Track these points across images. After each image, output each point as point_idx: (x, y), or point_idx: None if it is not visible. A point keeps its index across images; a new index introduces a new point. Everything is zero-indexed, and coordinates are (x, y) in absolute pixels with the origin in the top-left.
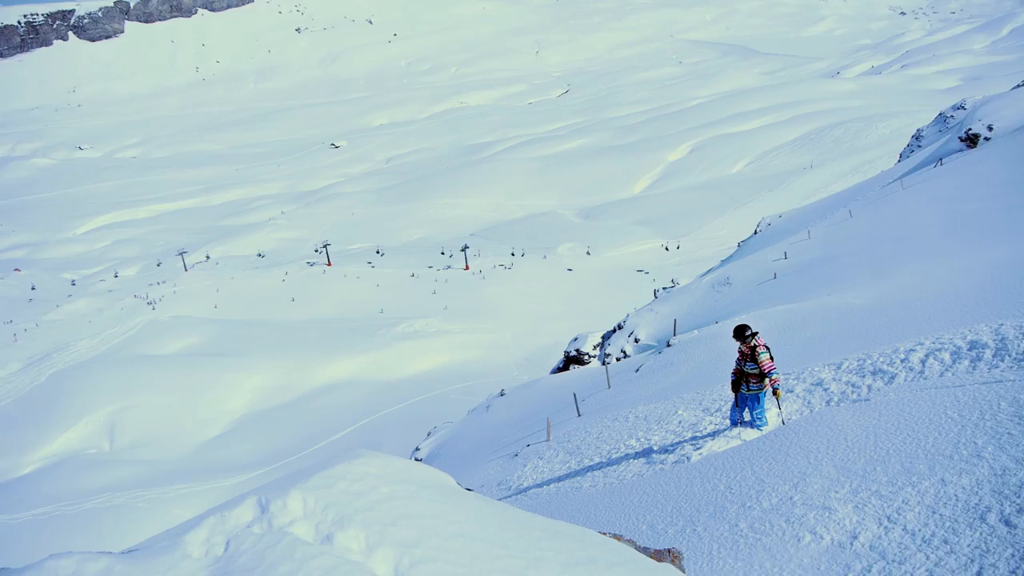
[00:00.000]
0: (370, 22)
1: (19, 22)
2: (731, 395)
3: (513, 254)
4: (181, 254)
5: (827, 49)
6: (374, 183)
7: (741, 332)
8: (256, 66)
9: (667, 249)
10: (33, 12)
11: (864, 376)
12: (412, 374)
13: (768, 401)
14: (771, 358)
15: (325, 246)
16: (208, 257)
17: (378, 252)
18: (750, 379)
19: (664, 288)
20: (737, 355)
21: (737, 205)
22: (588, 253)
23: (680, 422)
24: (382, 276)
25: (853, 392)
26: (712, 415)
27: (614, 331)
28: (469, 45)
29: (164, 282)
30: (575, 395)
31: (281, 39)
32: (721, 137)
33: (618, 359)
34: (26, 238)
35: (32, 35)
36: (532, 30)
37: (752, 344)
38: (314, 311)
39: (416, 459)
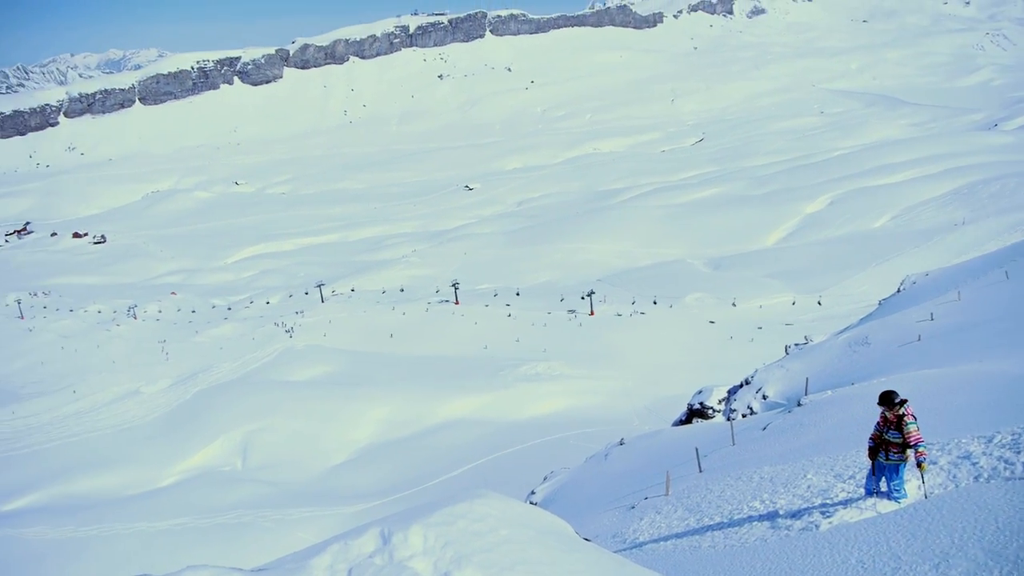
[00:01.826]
0: (509, 70)
1: (192, 67)
2: (867, 463)
3: (633, 302)
4: (319, 286)
5: (983, 100)
6: (504, 225)
7: (889, 398)
8: (399, 110)
9: (794, 304)
10: (205, 59)
11: (1020, 452)
12: (532, 416)
13: (908, 472)
14: (918, 429)
15: (454, 285)
16: (353, 290)
17: (517, 294)
18: (891, 448)
19: (796, 344)
20: (878, 421)
21: (879, 261)
22: (717, 304)
23: (809, 487)
24: (508, 317)
25: (1006, 469)
26: (844, 482)
27: (741, 386)
28: (604, 92)
29: (302, 312)
30: (697, 450)
31: (424, 85)
32: (864, 190)
33: (744, 415)
34: (183, 264)
35: (202, 79)
36: (668, 78)
37: (900, 412)
38: (440, 348)
39: (532, 503)
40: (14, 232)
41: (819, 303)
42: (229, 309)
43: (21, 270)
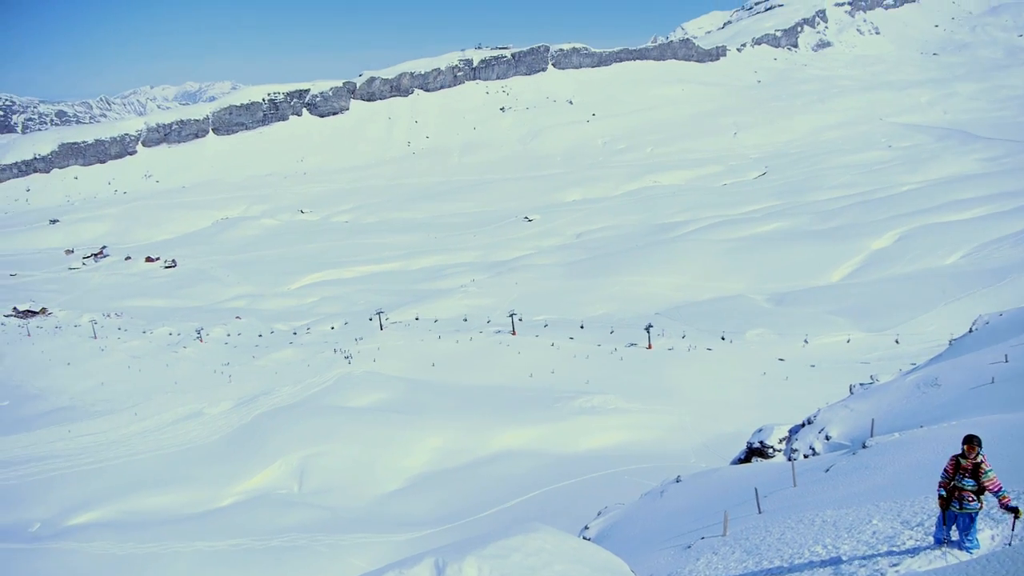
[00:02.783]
0: (570, 102)
1: (263, 99)
2: (937, 509)
3: (688, 336)
4: (379, 314)
5: None
6: (563, 257)
7: (970, 443)
8: (461, 141)
9: (859, 342)
10: (276, 91)
11: None
12: (586, 450)
13: (981, 522)
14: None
15: (511, 315)
16: (417, 318)
17: (581, 327)
18: (964, 495)
19: (861, 384)
20: (946, 467)
21: (949, 300)
22: (779, 340)
23: (875, 533)
24: (565, 348)
25: None
26: (912, 529)
27: (803, 425)
28: (666, 126)
29: (361, 338)
30: (756, 490)
31: (486, 117)
32: (933, 226)
33: (806, 456)
34: (248, 289)
35: (273, 111)
36: (731, 112)
37: (977, 459)
38: (496, 378)
39: (585, 538)
40: (91, 255)
41: (891, 342)
42: (295, 334)
43: (96, 292)
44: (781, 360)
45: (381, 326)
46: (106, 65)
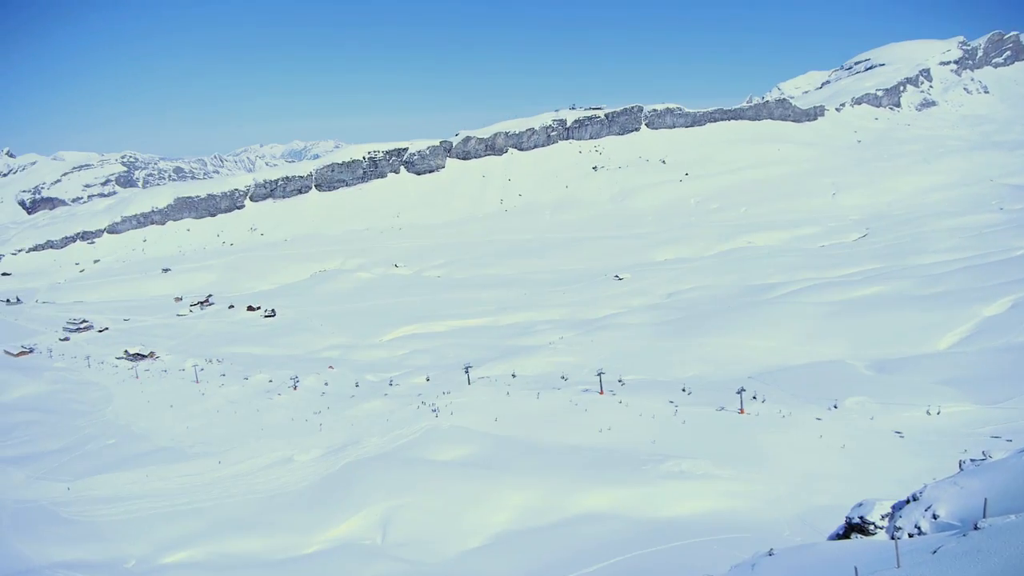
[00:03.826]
0: (663, 162)
1: (364, 157)
2: None
3: (779, 401)
4: (467, 368)
5: None
6: (653, 316)
7: None
8: (553, 200)
9: (958, 413)
10: (376, 149)
11: None
12: (673, 516)
13: None
14: None
15: (599, 374)
16: (514, 375)
17: (686, 391)
18: None
19: (973, 460)
20: None
21: None
22: (880, 410)
23: None
24: (653, 409)
25: None
26: None
27: (907, 502)
28: (761, 185)
29: (449, 392)
30: (856, 569)
31: (578, 176)
32: None
33: (911, 535)
34: (342, 340)
35: (372, 168)
36: (829, 172)
37: None
38: (581, 436)
39: None
40: (198, 303)
41: (1005, 415)
42: (392, 384)
43: (201, 338)
44: (897, 433)
45: (469, 381)
46: (221, 124)
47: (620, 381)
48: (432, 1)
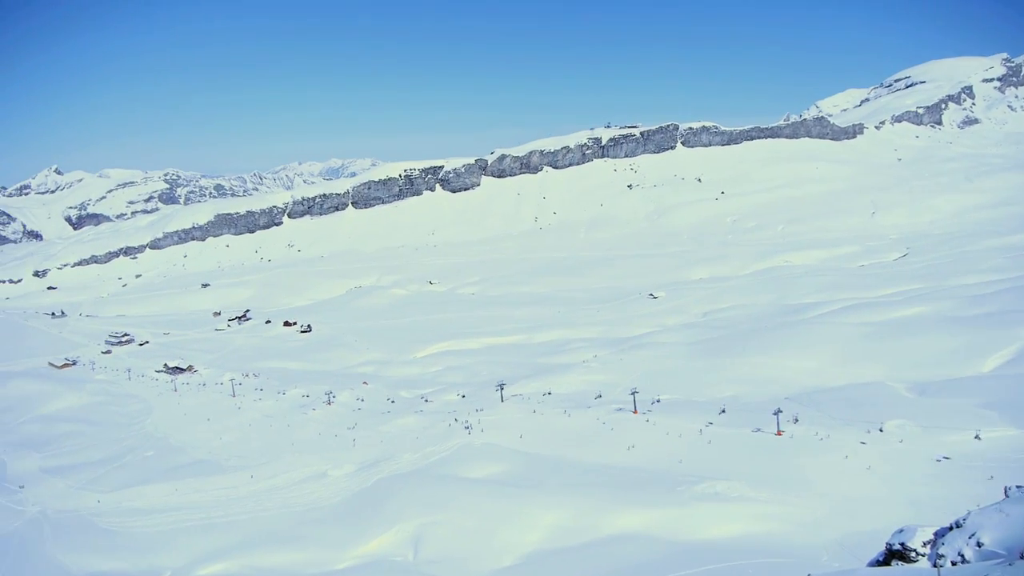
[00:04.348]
0: (699, 180)
1: (400, 175)
2: None
3: (816, 422)
4: (500, 386)
5: None
6: (688, 335)
7: None
8: (588, 218)
9: (1004, 438)
10: (412, 167)
11: None
12: (708, 539)
13: None
14: None
15: (633, 393)
16: (548, 393)
17: (723, 412)
18: None
19: (1019, 486)
20: None
21: None
22: (922, 433)
23: None
24: (686, 429)
25: None
26: None
27: (950, 528)
28: (798, 204)
29: (482, 409)
30: None
31: (613, 194)
32: None
33: (954, 563)
34: (376, 356)
35: (408, 186)
36: (868, 190)
37: None
38: (614, 456)
39: None
40: (236, 318)
41: None
42: (426, 401)
43: (238, 352)
44: (943, 458)
45: (502, 398)
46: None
47: (657, 400)
48: (468, 19)
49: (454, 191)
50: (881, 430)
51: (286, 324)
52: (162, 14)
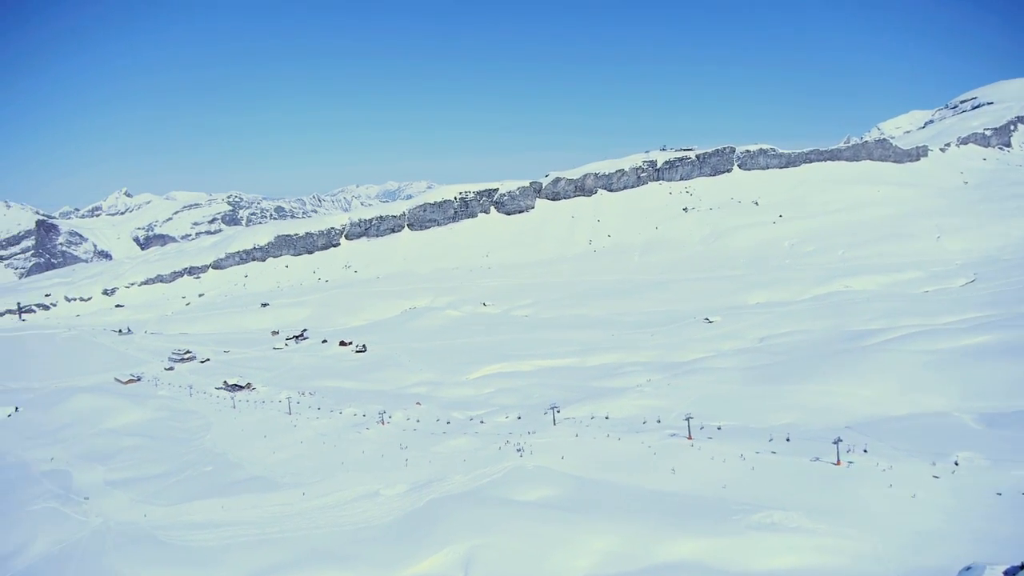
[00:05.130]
0: (756, 203)
1: (455, 198)
2: None
3: (879, 453)
4: (553, 409)
5: None
6: (744, 361)
7: None
8: (642, 240)
9: None
10: (467, 190)
11: None
12: (763, 570)
13: None
14: None
15: (687, 418)
16: (601, 417)
17: (783, 440)
18: None
19: None
20: None
21: None
22: (991, 467)
23: None
24: (742, 457)
25: None
26: None
27: (1021, 567)
28: (859, 228)
29: (534, 432)
30: None
31: (668, 217)
32: None
33: None
34: (430, 376)
35: (463, 208)
36: (933, 214)
37: None
38: (667, 482)
39: None
40: (293, 337)
41: None
42: (482, 423)
43: (295, 371)
44: (999, 493)
45: (554, 421)
46: (321, 164)
47: (718, 428)
48: (523, 43)
49: (508, 214)
50: (956, 463)
51: (342, 344)
52: (225, 47)
